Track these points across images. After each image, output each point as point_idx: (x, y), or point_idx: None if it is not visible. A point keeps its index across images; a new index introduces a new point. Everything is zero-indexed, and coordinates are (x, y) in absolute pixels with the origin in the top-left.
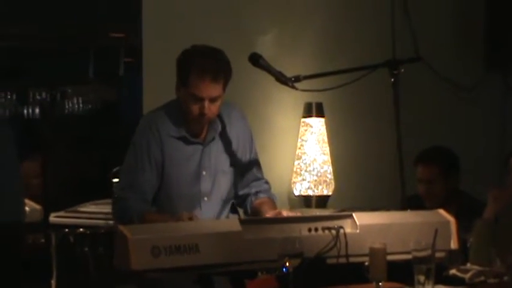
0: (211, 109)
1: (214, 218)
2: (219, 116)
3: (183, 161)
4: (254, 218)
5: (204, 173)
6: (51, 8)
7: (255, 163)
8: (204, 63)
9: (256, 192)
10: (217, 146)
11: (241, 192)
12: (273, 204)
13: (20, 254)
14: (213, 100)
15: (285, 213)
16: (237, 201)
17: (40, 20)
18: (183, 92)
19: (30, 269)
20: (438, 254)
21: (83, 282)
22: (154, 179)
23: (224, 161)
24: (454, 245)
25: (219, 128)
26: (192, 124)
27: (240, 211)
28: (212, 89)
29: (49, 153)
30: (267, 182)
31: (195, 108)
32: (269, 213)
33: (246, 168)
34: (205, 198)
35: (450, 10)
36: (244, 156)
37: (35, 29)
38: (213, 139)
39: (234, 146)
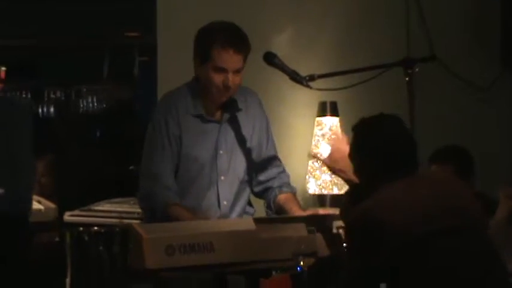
0: (234, 81)
1: (231, 198)
2: (235, 99)
3: (201, 139)
4: (268, 217)
5: (221, 151)
6: (66, 8)
7: (272, 149)
8: (227, 36)
9: (280, 186)
10: (233, 127)
11: (262, 178)
12: (298, 202)
13: (27, 243)
14: (236, 72)
15: (322, 212)
16: (257, 190)
17: (55, 19)
18: (204, 67)
19: (44, 268)
20: None
21: (98, 281)
22: (175, 157)
23: (240, 142)
24: None
25: (235, 109)
26: (214, 99)
27: (257, 202)
28: (235, 61)
29: (64, 152)
30: (285, 171)
31: (219, 81)
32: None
33: (265, 153)
34: (222, 178)
35: (465, 8)
36: (261, 140)
37: (50, 29)
38: (229, 119)
39: (250, 128)
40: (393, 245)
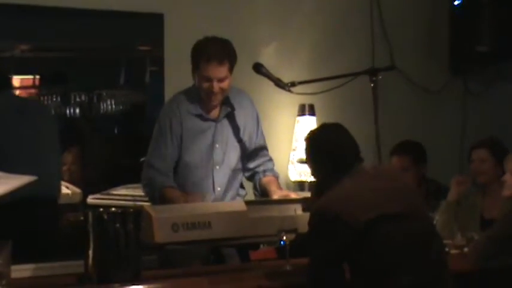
0: (219, 87)
1: (224, 184)
2: (230, 100)
3: (199, 134)
4: (257, 200)
5: (217, 145)
6: (89, 26)
7: (261, 141)
8: (211, 51)
9: (264, 171)
10: (228, 124)
11: (251, 165)
12: (278, 183)
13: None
14: (220, 80)
15: (293, 195)
16: (247, 175)
17: (80, 36)
18: (196, 75)
19: (71, 241)
20: None
21: (114, 253)
22: (175, 149)
23: (234, 137)
24: None
25: (230, 109)
26: (205, 101)
27: (249, 185)
28: (218, 71)
29: (87, 146)
30: (271, 159)
31: (206, 87)
32: (277, 193)
33: (254, 145)
34: (217, 167)
35: (421, 26)
36: (252, 134)
37: (76, 43)
38: (225, 117)
39: (243, 125)
40: (346, 232)
